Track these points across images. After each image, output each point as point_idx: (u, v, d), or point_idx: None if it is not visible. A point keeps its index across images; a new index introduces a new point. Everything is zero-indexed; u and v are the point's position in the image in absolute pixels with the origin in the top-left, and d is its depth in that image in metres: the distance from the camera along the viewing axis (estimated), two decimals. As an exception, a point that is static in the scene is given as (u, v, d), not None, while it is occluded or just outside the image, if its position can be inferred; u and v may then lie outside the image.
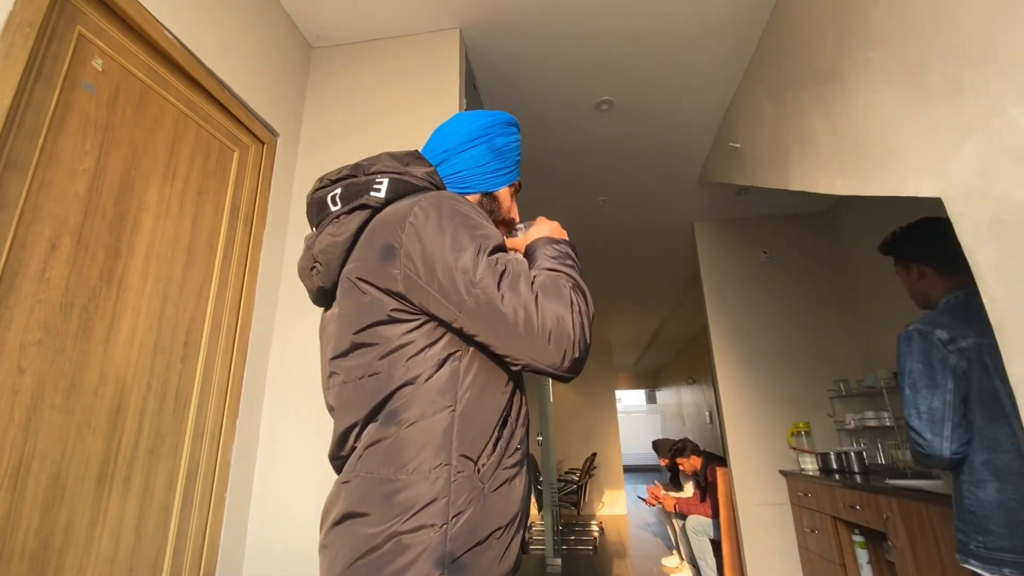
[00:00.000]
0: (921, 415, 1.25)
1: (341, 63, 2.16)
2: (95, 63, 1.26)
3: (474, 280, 0.68)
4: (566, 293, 0.71)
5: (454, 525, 0.65)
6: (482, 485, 0.68)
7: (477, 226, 0.73)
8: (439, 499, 0.66)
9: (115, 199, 1.26)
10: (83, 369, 1.15)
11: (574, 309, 0.70)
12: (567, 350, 0.69)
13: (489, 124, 0.91)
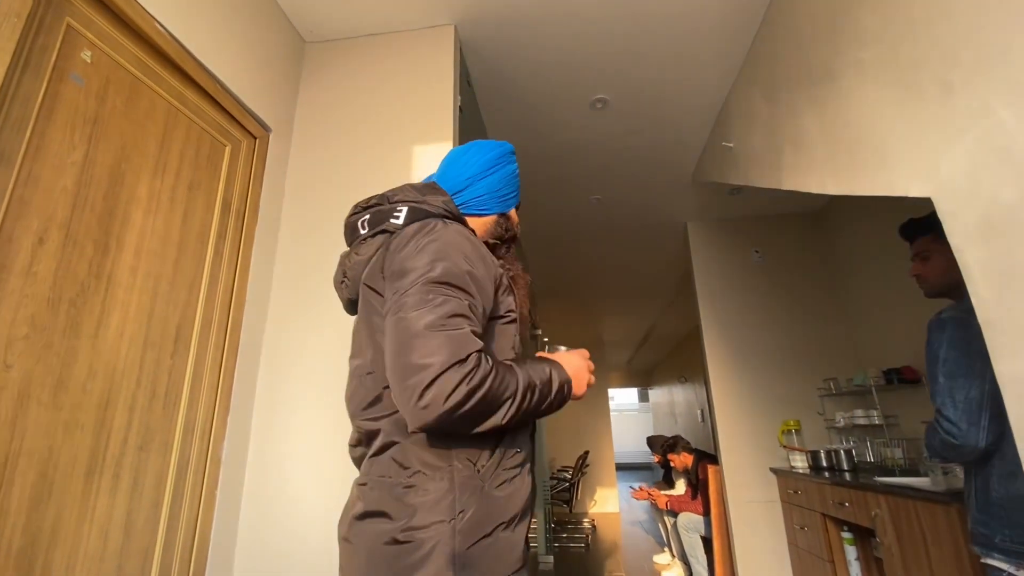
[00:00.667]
0: (957, 404, 1.19)
1: (335, 58, 2.15)
2: (84, 55, 1.24)
3: (402, 299, 0.74)
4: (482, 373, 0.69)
5: (461, 520, 0.72)
6: (482, 484, 0.76)
7: (441, 257, 0.77)
8: (445, 497, 0.73)
9: (104, 193, 1.25)
10: (71, 365, 1.13)
11: (457, 371, 0.67)
12: (414, 398, 0.67)
13: (500, 155, 1.04)
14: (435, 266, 0.75)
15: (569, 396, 0.84)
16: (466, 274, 0.77)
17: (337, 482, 1.61)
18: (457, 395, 0.66)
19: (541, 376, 0.79)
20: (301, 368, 1.73)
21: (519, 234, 1.07)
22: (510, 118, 2.76)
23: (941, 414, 1.23)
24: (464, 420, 0.69)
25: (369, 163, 1.96)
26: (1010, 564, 1.14)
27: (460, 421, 0.69)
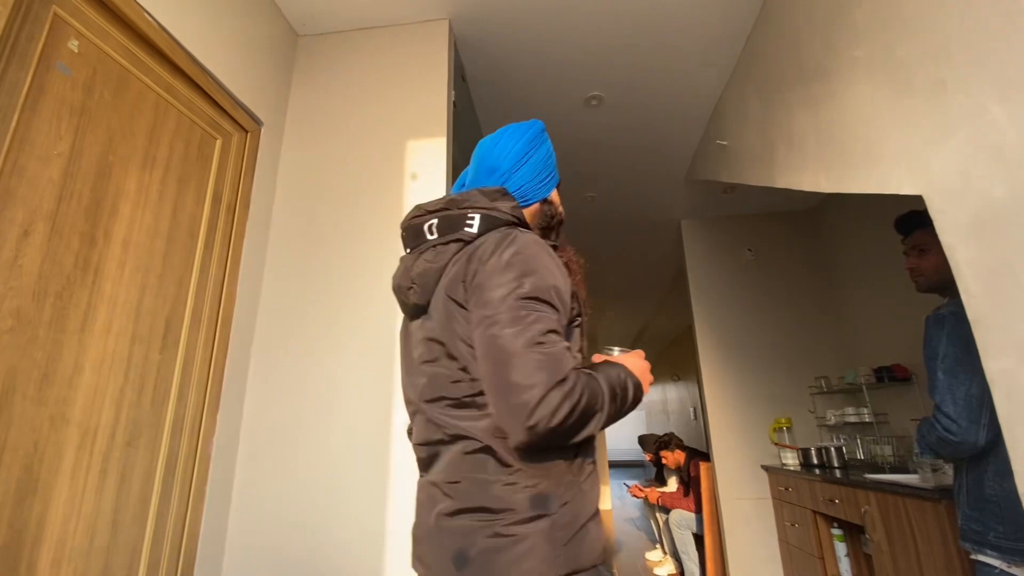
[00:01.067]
0: (958, 401, 1.18)
1: (328, 52, 2.13)
2: (71, 44, 1.22)
3: (487, 314, 0.75)
4: (579, 389, 0.72)
5: (560, 515, 0.74)
6: (575, 479, 0.78)
7: (529, 271, 0.77)
8: (545, 493, 0.75)
9: (91, 185, 1.23)
10: (57, 359, 1.12)
11: (560, 390, 0.70)
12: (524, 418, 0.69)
13: (531, 138, 0.99)
14: (524, 281, 0.76)
15: (641, 397, 0.84)
16: (552, 288, 0.78)
17: (329, 478, 1.60)
18: (561, 414, 0.69)
19: (619, 383, 0.80)
20: (293, 364, 1.72)
21: (564, 216, 1.02)
22: (504, 114, 2.75)
23: (940, 411, 1.21)
24: (566, 436, 0.72)
25: (362, 157, 1.94)
26: (1003, 561, 1.14)
27: (563, 437, 0.72)
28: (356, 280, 1.79)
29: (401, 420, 1.62)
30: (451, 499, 0.78)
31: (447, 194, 0.97)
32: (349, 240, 1.84)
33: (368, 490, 1.57)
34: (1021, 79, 0.94)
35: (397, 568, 1.50)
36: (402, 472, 1.57)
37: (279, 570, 1.53)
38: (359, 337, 1.72)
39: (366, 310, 1.75)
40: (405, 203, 1.85)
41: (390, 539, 1.52)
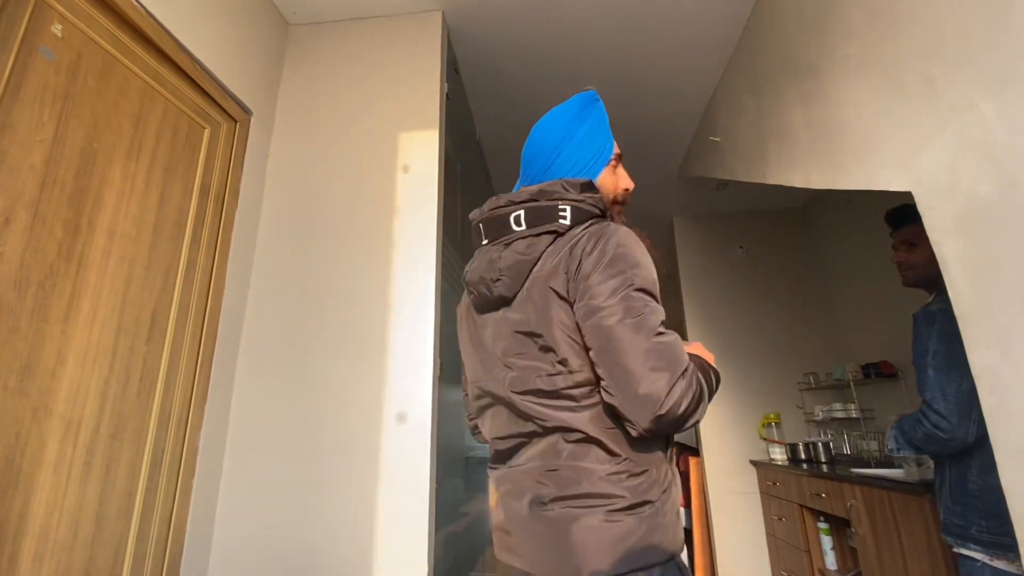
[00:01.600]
0: (949, 398, 1.18)
1: (319, 42, 2.10)
2: (54, 28, 1.19)
3: (601, 305, 0.76)
4: (697, 380, 0.74)
5: (662, 502, 0.77)
6: (671, 468, 0.82)
7: (635, 264, 0.78)
8: (650, 482, 0.78)
9: (75, 173, 1.20)
10: (39, 350, 1.10)
11: (684, 381, 0.72)
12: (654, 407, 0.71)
13: (566, 122, 0.96)
14: (633, 275, 0.77)
15: (719, 386, 0.86)
16: (655, 282, 0.81)
17: (318, 472, 1.59)
18: (685, 404, 0.71)
19: (713, 372, 0.84)
20: (282, 356, 1.70)
21: (623, 194, 0.96)
22: (497, 108, 2.74)
23: (931, 407, 1.21)
24: (684, 423, 0.74)
25: (353, 149, 1.92)
26: (985, 554, 1.16)
27: (682, 424, 0.74)
28: (347, 272, 1.77)
29: (392, 413, 1.61)
30: (549, 487, 0.78)
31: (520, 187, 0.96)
32: (340, 232, 1.82)
33: (357, 484, 1.56)
34: (1011, 77, 0.95)
35: (386, 563, 1.49)
36: (392, 466, 1.57)
37: (267, 564, 1.52)
38: (350, 330, 1.71)
39: (357, 302, 1.73)
40: (397, 195, 1.84)
41: (379, 534, 1.51)
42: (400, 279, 1.74)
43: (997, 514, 1.13)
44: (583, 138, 0.94)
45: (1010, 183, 0.94)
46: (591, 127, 0.95)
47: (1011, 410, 0.95)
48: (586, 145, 0.94)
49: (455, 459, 2.18)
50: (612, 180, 0.96)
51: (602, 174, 0.95)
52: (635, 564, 0.73)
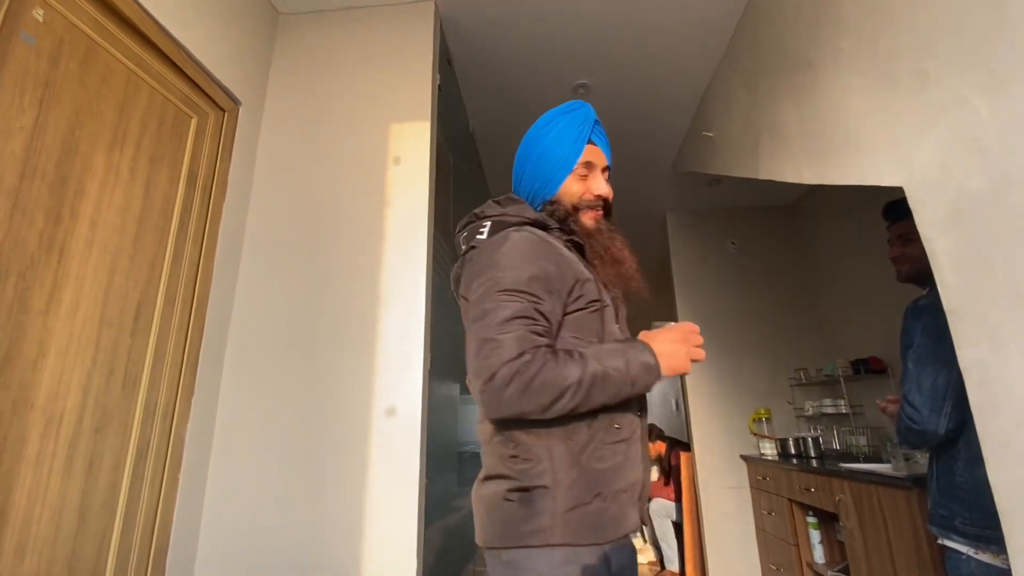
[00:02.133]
0: (923, 391, 1.20)
1: (309, 32, 2.07)
2: (36, 13, 1.16)
3: (471, 308, 0.85)
4: (532, 369, 0.77)
5: (557, 488, 0.80)
6: (578, 456, 0.82)
7: (504, 267, 0.85)
8: (545, 467, 0.82)
9: (57, 161, 1.18)
10: (19, 341, 1.07)
11: (520, 376, 0.77)
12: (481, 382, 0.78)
13: (531, 137, 1.04)
14: (499, 277, 0.84)
15: (656, 376, 0.84)
16: (529, 279, 0.84)
17: (305, 464, 1.58)
18: (510, 389, 0.76)
19: (613, 363, 0.81)
20: (270, 349, 1.68)
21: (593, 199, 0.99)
22: (490, 100, 2.72)
23: (906, 399, 1.24)
24: (524, 407, 0.77)
25: (343, 140, 1.90)
26: (968, 546, 1.17)
27: (519, 408, 0.77)
28: (336, 265, 1.76)
29: (381, 406, 1.60)
30: (484, 467, 0.90)
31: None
32: (329, 224, 1.80)
33: (347, 478, 1.55)
34: (1003, 72, 0.94)
35: (375, 556, 1.48)
36: (381, 460, 1.56)
37: (255, 558, 1.51)
38: (339, 322, 1.69)
39: (346, 295, 1.72)
40: (387, 187, 1.82)
41: (369, 528, 1.51)
42: (390, 272, 1.73)
43: (982, 507, 1.13)
44: (544, 151, 1.00)
45: (1001, 178, 0.94)
46: (553, 139, 1.00)
47: (999, 404, 0.96)
48: (547, 158, 0.99)
49: (447, 454, 2.18)
50: (578, 187, 0.99)
51: (566, 183, 0.99)
52: (512, 542, 0.79)
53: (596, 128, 1.04)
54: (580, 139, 1.00)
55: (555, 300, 0.85)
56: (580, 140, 1.00)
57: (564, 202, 0.99)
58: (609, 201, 1.02)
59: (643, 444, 0.92)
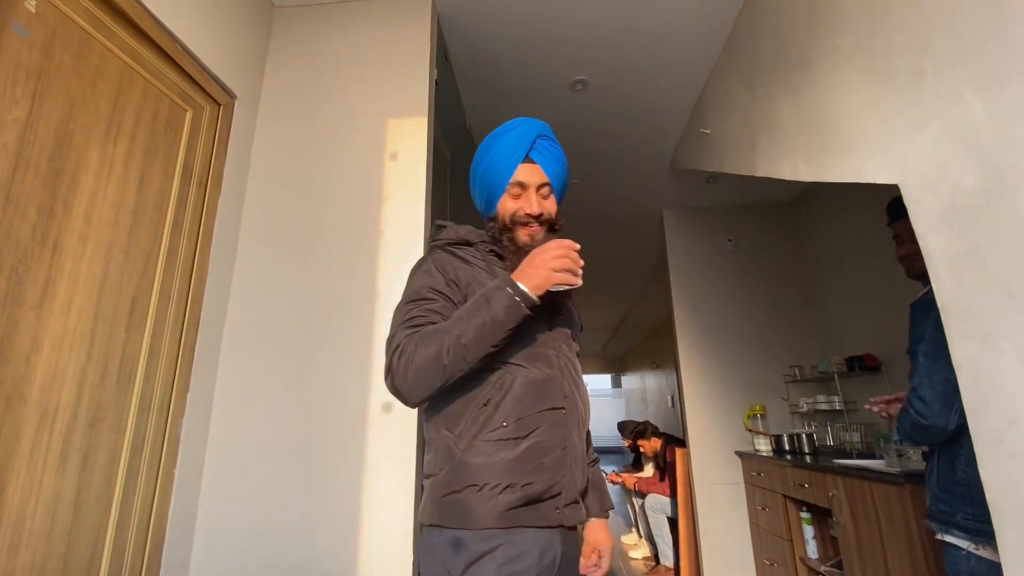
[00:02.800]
0: (935, 386, 1.18)
1: (305, 25, 2.06)
2: (28, 4, 1.15)
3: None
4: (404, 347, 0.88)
5: (439, 475, 0.90)
6: (457, 450, 0.89)
7: (408, 283, 1.01)
8: (434, 457, 0.93)
9: (50, 154, 1.17)
10: (12, 335, 1.07)
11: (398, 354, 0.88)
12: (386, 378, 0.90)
13: (473, 163, 1.10)
14: (405, 292, 0.99)
15: (522, 299, 0.87)
16: (424, 287, 0.96)
17: (301, 462, 1.58)
18: (394, 373, 0.88)
19: (471, 307, 0.88)
20: (267, 344, 1.68)
21: (523, 217, 1.02)
22: (488, 95, 2.71)
23: (916, 394, 1.22)
24: (406, 382, 0.86)
25: (340, 135, 1.89)
26: (970, 542, 1.16)
27: (403, 383, 0.87)
28: (332, 260, 1.75)
29: (377, 402, 1.60)
30: None
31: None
32: (325, 219, 1.80)
33: (342, 473, 1.55)
34: (998, 70, 0.95)
35: (371, 552, 1.49)
36: (377, 456, 1.56)
37: (250, 554, 1.51)
38: (335, 318, 1.69)
39: (342, 290, 1.71)
40: (384, 183, 1.81)
41: (365, 523, 1.51)
42: (387, 267, 1.73)
43: (984, 503, 1.13)
44: (483, 173, 1.06)
45: (995, 176, 0.95)
46: (490, 161, 1.05)
47: (991, 401, 0.96)
48: (485, 180, 1.06)
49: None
50: (513, 206, 1.04)
51: (502, 202, 1.05)
52: (423, 521, 0.91)
53: (539, 143, 1.05)
54: (513, 160, 1.03)
55: (447, 300, 0.95)
56: (513, 161, 1.03)
57: (501, 219, 1.04)
58: (547, 216, 1.04)
59: (561, 449, 0.92)
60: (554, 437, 0.92)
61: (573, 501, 0.93)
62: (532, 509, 0.87)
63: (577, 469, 0.94)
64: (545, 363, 0.97)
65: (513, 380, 0.93)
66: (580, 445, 0.97)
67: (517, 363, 0.94)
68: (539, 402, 0.93)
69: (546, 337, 1.00)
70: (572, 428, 0.96)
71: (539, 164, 1.04)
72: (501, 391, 0.92)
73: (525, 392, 0.93)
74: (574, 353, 1.07)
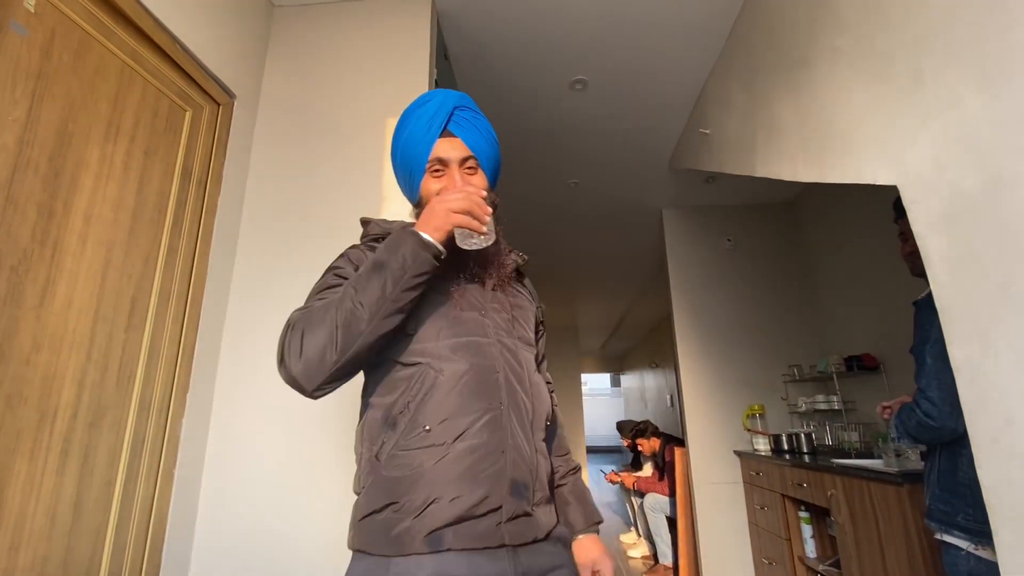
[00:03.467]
0: (944, 387, 1.17)
1: (305, 25, 2.06)
2: (27, 3, 1.15)
3: None
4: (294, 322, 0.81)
5: (362, 494, 0.80)
6: (377, 463, 0.79)
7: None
8: (359, 473, 0.84)
9: (50, 154, 1.17)
10: (12, 336, 1.07)
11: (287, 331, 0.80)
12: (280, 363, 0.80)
13: (391, 150, 0.99)
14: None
15: (420, 246, 0.76)
16: (330, 276, 0.90)
17: (301, 462, 1.58)
18: (280, 352, 0.80)
19: (366, 264, 0.79)
20: (266, 344, 1.68)
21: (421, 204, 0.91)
22: (489, 95, 2.71)
23: (924, 395, 1.21)
24: (299, 361, 0.77)
25: (339, 134, 1.89)
26: (970, 542, 1.16)
27: (295, 363, 0.77)
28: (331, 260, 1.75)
29: (377, 403, 1.60)
30: None
31: None
32: (325, 219, 1.80)
33: (343, 473, 1.55)
34: (996, 72, 0.95)
35: (371, 550, 1.49)
36: (377, 455, 1.56)
37: (251, 553, 1.51)
38: (335, 319, 1.69)
39: (342, 291, 1.71)
40: (383, 183, 1.81)
41: (364, 521, 1.51)
42: (387, 268, 1.72)
43: (982, 503, 1.13)
44: (400, 157, 0.96)
45: (993, 178, 0.95)
46: (404, 141, 0.94)
47: (988, 403, 0.97)
48: (402, 163, 0.95)
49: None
50: (436, 186, 0.90)
51: (424, 183, 0.92)
52: (348, 546, 0.80)
53: (457, 115, 0.93)
54: (430, 135, 0.90)
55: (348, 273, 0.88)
56: (430, 136, 0.90)
57: (424, 203, 0.91)
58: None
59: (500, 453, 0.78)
60: (491, 441, 0.78)
61: (521, 514, 0.77)
62: (466, 527, 0.73)
63: (524, 476, 0.79)
64: (476, 354, 0.82)
65: (436, 377, 0.80)
66: (527, 448, 0.81)
67: (441, 356, 0.81)
68: (469, 400, 0.79)
69: (477, 323, 0.85)
70: (514, 429, 0.81)
71: (459, 137, 0.91)
72: (422, 390, 0.79)
73: (451, 389, 0.79)
74: (525, 341, 0.92)
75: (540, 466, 0.83)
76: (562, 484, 1.01)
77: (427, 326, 0.83)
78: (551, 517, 0.85)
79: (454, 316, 0.85)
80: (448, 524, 0.72)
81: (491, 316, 0.88)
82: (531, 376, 0.89)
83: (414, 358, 0.82)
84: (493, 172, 0.97)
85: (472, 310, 0.86)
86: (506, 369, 0.84)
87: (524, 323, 0.94)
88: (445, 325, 0.84)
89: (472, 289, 0.89)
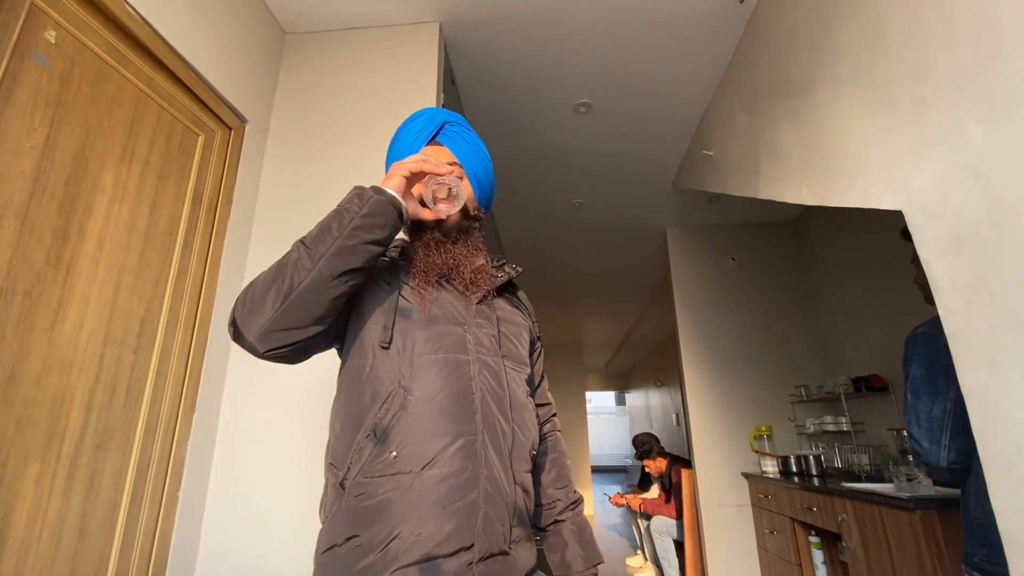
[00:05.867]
0: (920, 422, 1.18)
1: (316, 51, 2.11)
2: (48, 35, 1.19)
3: None
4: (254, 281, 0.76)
5: (326, 525, 0.76)
6: (342, 491, 0.74)
7: None
8: (324, 502, 0.80)
9: (66, 180, 1.19)
10: (24, 359, 1.08)
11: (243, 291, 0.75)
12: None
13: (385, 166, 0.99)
14: None
15: (372, 191, 0.76)
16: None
17: (306, 485, 1.57)
18: (233, 311, 0.75)
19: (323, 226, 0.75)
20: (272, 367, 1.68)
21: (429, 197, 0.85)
22: (494, 119, 2.75)
23: (909, 432, 1.22)
24: (245, 310, 0.72)
25: (348, 158, 1.92)
26: None
27: (242, 313, 0.72)
28: (339, 282, 1.76)
29: (382, 425, 1.60)
30: None
31: None
32: (333, 241, 1.81)
33: (347, 496, 1.54)
34: (998, 99, 0.96)
35: (375, 576, 1.47)
36: (382, 478, 1.55)
37: (253, 578, 1.49)
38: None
39: (349, 313, 1.72)
40: (391, 205, 1.83)
41: (368, 546, 1.49)
42: (393, 289, 1.74)
43: (992, 543, 1.07)
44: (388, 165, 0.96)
45: (998, 205, 0.96)
46: (394, 154, 0.95)
47: (999, 429, 0.96)
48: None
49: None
50: (406, 192, 0.83)
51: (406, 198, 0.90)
52: None
53: (447, 128, 0.92)
54: (417, 143, 0.91)
55: None
56: (417, 144, 0.91)
57: (408, 209, 0.88)
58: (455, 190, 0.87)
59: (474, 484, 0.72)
60: (463, 470, 0.71)
61: (496, 553, 0.71)
62: (432, 568, 0.66)
63: (501, 511, 0.73)
64: (452, 373, 0.76)
65: (405, 397, 0.74)
66: (505, 480, 0.74)
67: (413, 375, 0.75)
68: (441, 424, 0.73)
69: (457, 339, 0.79)
70: (490, 458, 0.74)
71: (446, 146, 0.91)
72: (390, 412, 0.73)
73: (421, 412, 0.73)
74: (514, 359, 0.86)
75: (519, 500, 0.77)
76: (561, 520, 0.94)
77: (401, 340, 0.78)
78: (530, 556, 0.78)
79: (433, 331, 0.79)
80: (413, 563, 0.66)
81: (473, 331, 0.81)
82: (515, 400, 0.82)
83: (384, 376, 0.76)
84: (481, 188, 0.94)
85: (453, 324, 0.80)
86: (483, 390, 0.77)
87: (515, 340, 0.89)
88: (421, 340, 0.77)
89: (453, 301, 0.83)
